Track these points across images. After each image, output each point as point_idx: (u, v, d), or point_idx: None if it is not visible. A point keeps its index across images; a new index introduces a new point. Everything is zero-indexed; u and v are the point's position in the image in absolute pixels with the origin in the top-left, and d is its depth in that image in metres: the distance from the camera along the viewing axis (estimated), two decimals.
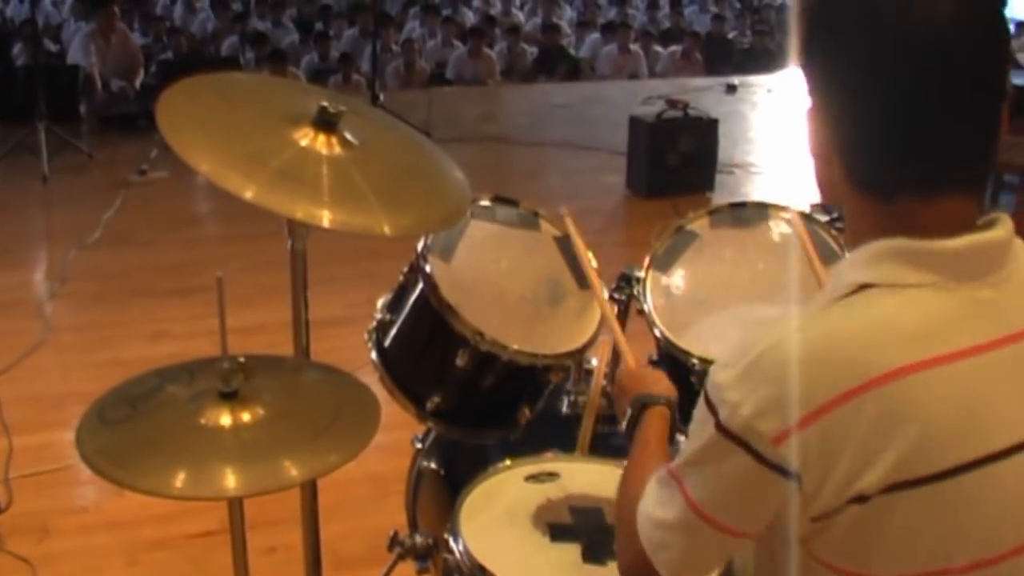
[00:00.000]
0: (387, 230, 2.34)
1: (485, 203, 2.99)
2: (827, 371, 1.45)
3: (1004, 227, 1.54)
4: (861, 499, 1.46)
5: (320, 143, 2.45)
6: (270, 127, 2.48)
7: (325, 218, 2.31)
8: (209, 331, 5.62)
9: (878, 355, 1.45)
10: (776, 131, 11.03)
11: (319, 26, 15.37)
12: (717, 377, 1.54)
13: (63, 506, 4.52)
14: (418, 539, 2.81)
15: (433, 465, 3.09)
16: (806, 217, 3.00)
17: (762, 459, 1.49)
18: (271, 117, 2.52)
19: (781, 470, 1.48)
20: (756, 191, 9.02)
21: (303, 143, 2.44)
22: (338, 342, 3.48)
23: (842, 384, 1.44)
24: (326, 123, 2.46)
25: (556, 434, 2.90)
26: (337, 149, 2.46)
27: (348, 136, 2.48)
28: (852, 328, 1.48)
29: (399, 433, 3.17)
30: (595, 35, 15.91)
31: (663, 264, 2.98)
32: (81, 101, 10.71)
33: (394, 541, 2.83)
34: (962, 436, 1.47)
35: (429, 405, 2.81)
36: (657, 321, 2.88)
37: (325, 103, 2.44)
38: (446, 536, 2.37)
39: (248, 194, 2.23)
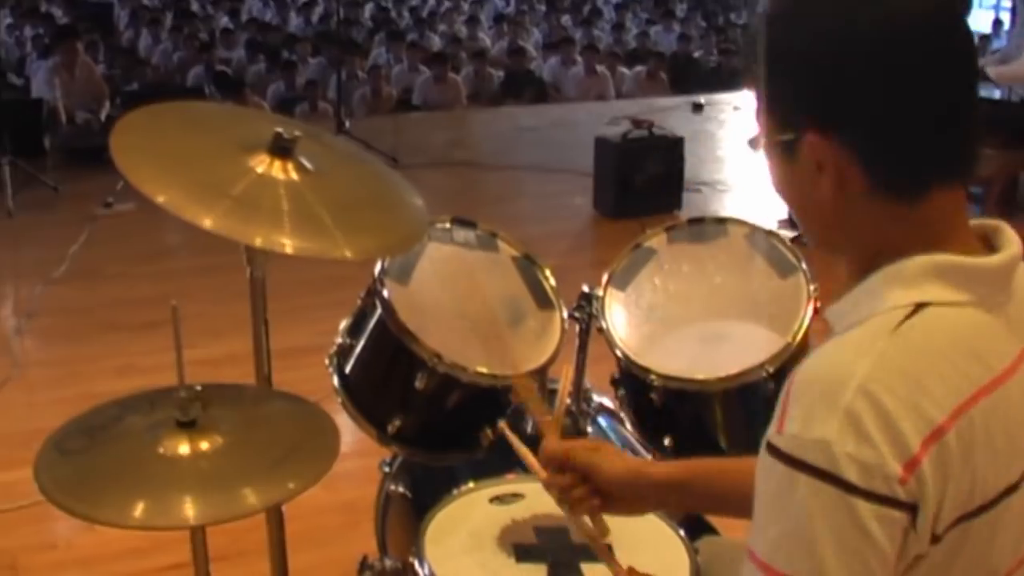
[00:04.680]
0: (348, 253, 2.34)
1: (443, 225, 2.99)
2: (929, 398, 1.39)
3: (1015, 241, 1.55)
4: (936, 538, 1.42)
5: (276, 169, 2.44)
6: (226, 155, 2.47)
7: (286, 244, 2.29)
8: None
9: (963, 379, 1.43)
10: (743, 149, 10.96)
11: (285, 54, 15.36)
12: (813, 433, 1.39)
13: (33, 543, 4.49)
14: (387, 563, 2.80)
15: (401, 489, 3.09)
16: (760, 230, 3.02)
17: (896, 502, 1.37)
18: (227, 145, 2.51)
19: (910, 507, 1.38)
20: (724, 209, 9.03)
21: (259, 170, 2.43)
22: (307, 371, 3.46)
23: (946, 407, 1.40)
24: (281, 149, 2.45)
25: None
26: (293, 175, 2.45)
27: (304, 162, 2.48)
28: (934, 353, 1.43)
29: (369, 460, 3.16)
30: (555, 58, 15.92)
31: (621, 282, 2.98)
32: (46, 135, 10.66)
33: (363, 566, 2.83)
34: (1006, 461, 1.47)
35: (390, 428, 2.81)
36: (617, 340, 2.89)
37: (280, 129, 2.44)
38: (411, 560, 2.36)
39: (207, 223, 2.22)
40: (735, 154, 10.89)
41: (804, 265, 2.84)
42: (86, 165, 10.09)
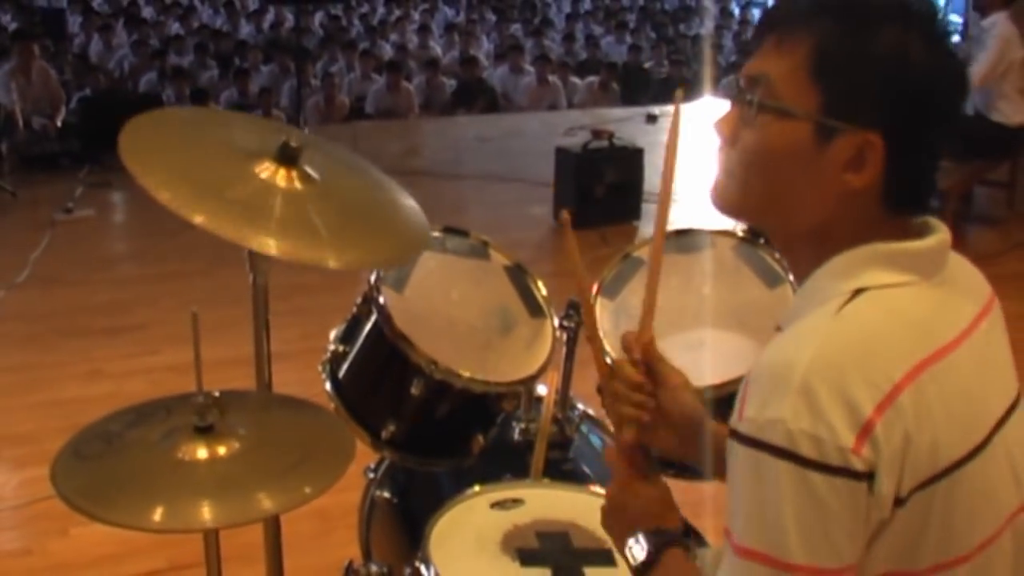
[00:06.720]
0: (332, 263, 2.37)
1: (436, 234, 3.02)
2: (876, 367, 1.47)
3: (943, 226, 1.66)
4: (899, 501, 1.49)
5: (280, 177, 2.47)
6: (231, 159, 2.50)
7: (274, 247, 2.30)
8: (145, 369, 5.65)
9: (907, 349, 1.51)
10: (698, 159, 11.01)
11: (236, 62, 15.31)
12: (770, 415, 1.46)
13: (8, 549, 4.49)
14: (373, 569, 2.82)
15: (386, 494, 3.11)
16: (747, 241, 3.06)
17: (851, 472, 1.44)
18: (233, 150, 2.54)
19: (866, 475, 1.45)
20: (682, 219, 9.05)
21: (263, 176, 2.46)
22: (275, 378, 3.49)
23: (894, 374, 1.47)
24: (287, 157, 2.48)
25: (508, 461, 2.94)
26: (296, 184, 2.47)
27: (309, 170, 2.51)
28: (875, 328, 1.52)
29: None
30: (506, 67, 15.94)
31: (611, 291, 3.01)
32: (2, 140, 10.60)
33: (349, 571, 2.85)
34: (964, 426, 1.54)
35: (384, 434, 2.84)
36: (607, 347, 2.92)
37: (286, 138, 2.47)
38: (417, 564, 2.38)
39: (199, 219, 2.23)
40: (692, 165, 10.89)
41: (791, 276, 2.87)
42: (43, 170, 10.05)
